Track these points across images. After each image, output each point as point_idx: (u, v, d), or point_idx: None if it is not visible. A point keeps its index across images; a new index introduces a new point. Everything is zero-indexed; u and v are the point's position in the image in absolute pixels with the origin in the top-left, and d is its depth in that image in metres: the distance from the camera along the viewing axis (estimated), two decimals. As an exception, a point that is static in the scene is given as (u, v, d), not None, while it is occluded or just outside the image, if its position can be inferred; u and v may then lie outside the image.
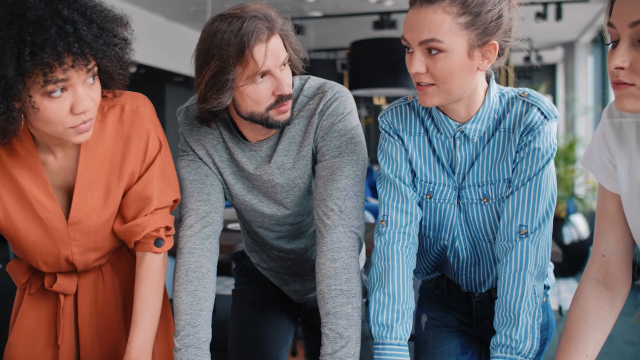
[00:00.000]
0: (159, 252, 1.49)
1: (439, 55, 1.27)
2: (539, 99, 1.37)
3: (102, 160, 1.42)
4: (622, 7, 1.07)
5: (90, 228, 1.44)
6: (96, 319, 1.55)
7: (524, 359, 1.31)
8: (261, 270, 1.90)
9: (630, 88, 1.07)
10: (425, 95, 1.32)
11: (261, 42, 1.40)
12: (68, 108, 1.23)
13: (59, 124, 1.24)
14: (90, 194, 1.42)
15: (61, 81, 1.19)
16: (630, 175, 1.23)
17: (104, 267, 1.56)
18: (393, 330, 1.39)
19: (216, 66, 1.41)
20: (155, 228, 1.46)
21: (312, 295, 1.87)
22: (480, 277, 1.55)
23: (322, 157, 1.55)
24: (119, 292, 1.58)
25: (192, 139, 1.62)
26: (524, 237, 1.35)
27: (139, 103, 1.46)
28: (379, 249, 1.45)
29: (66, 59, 1.18)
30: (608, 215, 1.30)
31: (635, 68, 1.06)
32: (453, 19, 1.26)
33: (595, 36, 9.04)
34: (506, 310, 1.34)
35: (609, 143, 1.26)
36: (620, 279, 1.30)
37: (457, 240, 1.50)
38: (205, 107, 1.46)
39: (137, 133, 1.44)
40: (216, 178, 1.62)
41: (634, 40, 1.05)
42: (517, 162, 1.37)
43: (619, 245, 1.29)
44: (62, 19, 1.17)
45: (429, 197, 1.47)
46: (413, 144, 1.47)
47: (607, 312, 1.29)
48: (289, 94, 1.46)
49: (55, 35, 1.15)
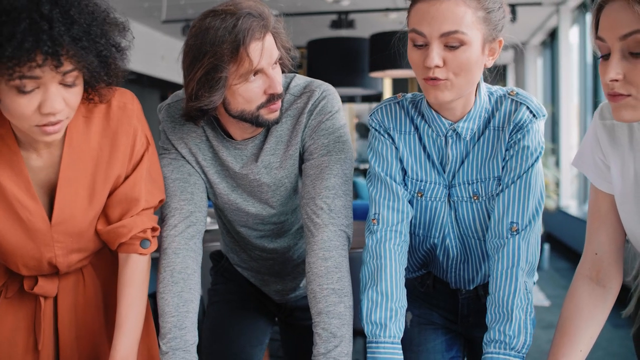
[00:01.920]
0: (144, 253, 1.44)
1: (460, 49, 1.27)
2: (528, 97, 1.39)
3: (88, 158, 1.36)
4: (610, 21, 1.10)
5: (75, 229, 1.39)
6: (76, 322, 1.49)
7: (518, 354, 1.32)
8: (241, 271, 1.87)
9: (626, 99, 1.10)
10: (438, 91, 1.30)
11: (257, 40, 1.38)
12: (35, 106, 1.17)
13: (24, 120, 1.18)
14: (74, 192, 1.36)
15: (28, 78, 1.13)
16: (623, 175, 1.26)
17: (85, 268, 1.50)
18: (387, 328, 1.38)
19: (209, 64, 1.37)
20: (142, 229, 1.42)
21: (293, 295, 1.86)
22: (470, 274, 1.56)
23: (310, 155, 1.53)
24: (101, 294, 1.53)
25: (174, 137, 1.58)
26: (515, 234, 1.36)
27: (126, 100, 1.40)
28: (371, 247, 1.45)
29: (36, 56, 1.11)
30: (600, 215, 1.33)
31: (629, 79, 1.09)
32: (473, 12, 1.26)
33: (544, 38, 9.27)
34: (499, 307, 1.35)
35: (602, 144, 1.29)
36: (613, 276, 1.32)
37: (447, 238, 1.51)
38: (196, 106, 1.42)
39: (124, 131, 1.38)
40: (199, 177, 1.59)
41: (625, 52, 1.08)
42: (507, 160, 1.39)
43: (611, 243, 1.32)
44: (39, 14, 1.10)
45: (420, 196, 1.47)
46: (404, 143, 1.46)
47: (600, 308, 1.32)
48: (280, 92, 1.44)
49: (24, 30, 1.08)
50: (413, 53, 1.32)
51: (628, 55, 1.08)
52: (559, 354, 1.29)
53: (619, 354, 3.78)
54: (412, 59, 1.33)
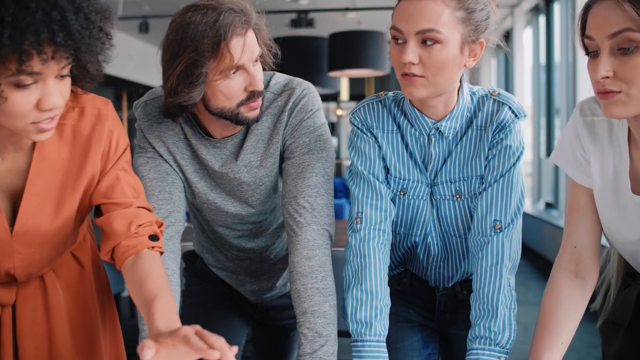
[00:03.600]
0: (156, 247, 1.31)
1: (435, 47, 1.28)
2: (509, 98, 1.41)
3: (58, 168, 1.27)
4: (599, 20, 1.13)
5: (37, 240, 1.29)
6: (36, 332, 1.40)
7: (502, 349, 1.34)
8: (215, 271, 1.85)
9: (617, 96, 1.13)
10: (413, 87, 1.32)
11: (238, 36, 1.36)
12: (34, 102, 1.08)
13: (20, 119, 1.09)
14: (40, 204, 1.26)
15: (36, 73, 1.05)
16: (602, 170, 1.30)
17: (46, 274, 1.42)
18: (372, 327, 1.38)
19: (189, 59, 1.35)
20: (147, 221, 1.31)
21: (268, 295, 1.85)
22: (449, 271, 1.58)
23: (291, 154, 1.52)
24: (63, 302, 1.44)
25: (151, 135, 1.55)
26: (498, 231, 1.38)
27: (100, 105, 1.32)
28: (354, 246, 1.45)
29: (46, 48, 1.03)
30: (579, 209, 1.36)
31: (619, 76, 1.12)
32: (452, 11, 1.27)
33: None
34: (484, 303, 1.37)
35: (582, 140, 1.32)
36: (591, 269, 1.36)
37: (429, 236, 1.52)
38: (175, 101, 1.39)
39: (97, 138, 1.30)
40: (177, 176, 1.56)
41: (614, 50, 1.11)
42: (490, 159, 1.41)
43: (589, 236, 1.36)
44: (49, 3, 1.02)
45: (403, 194, 1.48)
46: (386, 141, 1.47)
47: (579, 300, 1.35)
48: (261, 90, 1.43)
49: (40, 20, 1.00)
50: (393, 49, 1.34)
51: (617, 53, 1.11)
52: (541, 347, 1.32)
53: (577, 348, 3.88)
54: (391, 55, 1.35)
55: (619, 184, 1.28)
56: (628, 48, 1.10)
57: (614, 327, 1.47)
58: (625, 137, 1.27)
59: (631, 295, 1.43)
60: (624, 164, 1.27)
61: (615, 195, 1.29)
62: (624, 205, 1.28)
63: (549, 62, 7.12)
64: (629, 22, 1.08)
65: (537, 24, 7.68)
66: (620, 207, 1.29)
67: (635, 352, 1.42)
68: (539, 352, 1.31)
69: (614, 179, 1.28)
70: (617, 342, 1.46)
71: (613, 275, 1.52)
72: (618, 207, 1.29)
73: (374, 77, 10.65)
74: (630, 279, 1.44)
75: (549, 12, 7.14)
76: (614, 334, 1.47)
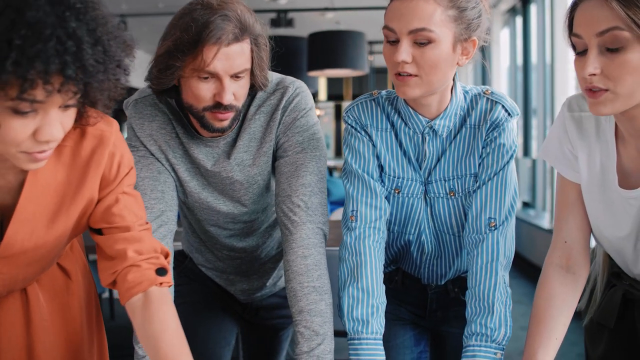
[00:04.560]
0: (165, 283, 1.24)
1: (428, 46, 1.28)
2: (502, 96, 1.43)
3: (52, 192, 1.18)
4: (587, 18, 1.14)
5: (23, 262, 1.22)
6: (16, 344, 1.32)
7: (498, 346, 1.36)
8: (205, 271, 1.83)
9: (605, 94, 1.15)
10: (406, 86, 1.32)
11: (217, 44, 1.34)
12: (31, 131, 0.98)
13: (12, 146, 0.99)
14: (30, 229, 1.17)
15: (39, 102, 0.95)
16: (590, 166, 1.32)
17: (28, 287, 1.34)
18: (369, 324, 1.39)
19: (169, 47, 1.36)
20: (152, 250, 1.25)
21: (258, 294, 1.84)
22: (442, 269, 1.59)
23: (284, 153, 1.52)
24: (46, 313, 1.37)
25: (143, 134, 1.53)
26: (493, 229, 1.40)
27: (102, 127, 1.22)
28: (350, 244, 1.45)
29: (54, 80, 0.93)
30: (569, 204, 1.38)
31: (607, 73, 1.13)
32: (443, 10, 1.28)
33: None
34: (480, 300, 1.38)
35: (570, 135, 1.34)
36: (581, 264, 1.38)
37: (422, 234, 1.53)
38: (150, 81, 1.43)
39: (97, 161, 1.21)
40: (169, 175, 1.55)
41: (602, 48, 1.13)
42: (484, 157, 1.42)
43: (579, 231, 1.37)
44: (66, 32, 0.93)
45: (397, 192, 1.48)
46: (380, 140, 1.47)
47: (571, 295, 1.36)
48: (228, 104, 1.39)
49: (52, 49, 0.91)
50: (386, 49, 1.34)
51: (605, 51, 1.13)
52: (535, 344, 1.33)
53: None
54: (384, 55, 1.35)
55: (606, 179, 1.30)
56: (616, 47, 1.11)
57: (598, 328, 1.48)
58: (612, 133, 1.29)
59: (616, 296, 1.44)
60: (611, 159, 1.29)
61: (603, 190, 1.30)
62: (612, 200, 1.29)
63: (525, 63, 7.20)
64: (617, 20, 1.10)
65: (514, 25, 7.75)
66: (607, 202, 1.30)
67: (620, 354, 1.43)
68: (533, 348, 1.33)
69: (602, 173, 1.30)
70: (602, 344, 1.47)
71: (599, 275, 1.54)
72: (605, 202, 1.31)
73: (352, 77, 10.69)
74: (615, 279, 1.46)
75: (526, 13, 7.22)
76: (599, 336, 1.48)
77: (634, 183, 1.26)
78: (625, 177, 1.28)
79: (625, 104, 1.16)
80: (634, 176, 1.26)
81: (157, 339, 1.17)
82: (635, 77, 1.12)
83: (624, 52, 1.11)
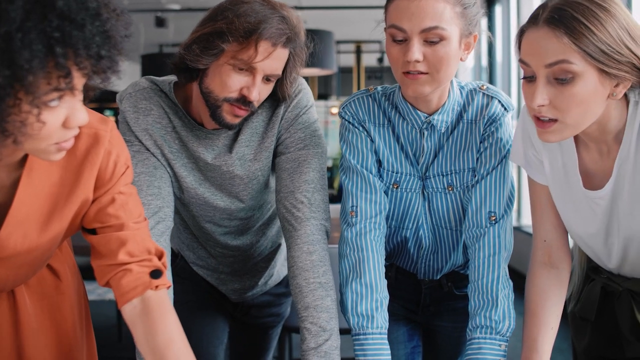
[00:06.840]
0: (161, 285, 1.21)
1: (440, 44, 1.30)
2: (498, 92, 1.46)
3: (46, 194, 1.16)
4: (535, 48, 1.15)
5: (14, 264, 1.20)
6: (3, 347, 1.29)
7: (503, 338, 1.38)
8: (196, 269, 1.81)
9: (554, 125, 1.17)
10: (417, 84, 1.33)
11: (271, 42, 1.35)
12: (62, 121, 0.98)
13: (45, 140, 0.98)
14: (22, 232, 1.15)
15: (71, 89, 0.94)
16: (553, 167, 1.35)
17: (16, 288, 1.31)
18: (374, 319, 1.39)
19: (220, 28, 1.34)
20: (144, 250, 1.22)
21: (250, 294, 1.83)
22: (439, 264, 1.60)
23: (286, 149, 1.51)
24: (34, 314, 1.33)
25: (138, 128, 1.50)
26: (494, 223, 1.42)
27: (97, 125, 1.19)
28: (351, 240, 1.45)
29: (85, 64, 0.93)
30: (542, 205, 1.42)
31: (555, 104, 1.15)
32: (451, 7, 1.30)
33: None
34: (483, 294, 1.40)
35: (532, 139, 1.36)
36: (563, 258, 1.42)
37: (420, 229, 1.54)
38: (184, 56, 1.39)
39: (91, 161, 1.18)
40: (165, 170, 1.52)
41: (550, 78, 1.14)
42: (482, 152, 1.44)
43: (556, 229, 1.42)
44: (89, 14, 0.93)
45: (396, 187, 1.49)
46: (378, 135, 1.48)
47: (559, 287, 1.41)
48: (250, 101, 1.40)
49: (89, 33, 0.91)
50: (392, 48, 1.35)
51: (553, 81, 1.14)
52: (533, 333, 1.37)
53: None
54: (391, 54, 1.36)
55: (570, 180, 1.33)
56: (564, 78, 1.12)
57: (581, 322, 1.52)
58: (571, 137, 1.31)
59: (595, 289, 1.48)
60: (573, 161, 1.32)
61: (569, 191, 1.34)
62: (579, 200, 1.33)
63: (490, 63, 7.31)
64: (566, 53, 1.11)
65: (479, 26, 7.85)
66: (575, 202, 1.34)
67: (603, 345, 1.48)
68: (532, 337, 1.36)
69: (565, 175, 1.34)
70: (586, 337, 1.51)
71: (577, 270, 1.58)
72: (573, 202, 1.35)
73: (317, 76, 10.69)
74: (593, 273, 1.50)
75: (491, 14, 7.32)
76: (582, 329, 1.52)
77: (598, 184, 1.29)
78: (589, 178, 1.31)
79: (573, 132, 1.20)
80: (598, 177, 1.30)
81: (163, 354, 1.15)
82: (583, 107, 1.14)
83: (573, 84, 1.12)
